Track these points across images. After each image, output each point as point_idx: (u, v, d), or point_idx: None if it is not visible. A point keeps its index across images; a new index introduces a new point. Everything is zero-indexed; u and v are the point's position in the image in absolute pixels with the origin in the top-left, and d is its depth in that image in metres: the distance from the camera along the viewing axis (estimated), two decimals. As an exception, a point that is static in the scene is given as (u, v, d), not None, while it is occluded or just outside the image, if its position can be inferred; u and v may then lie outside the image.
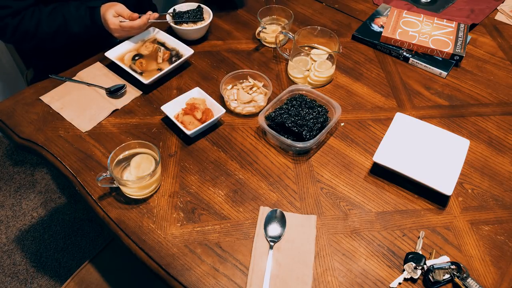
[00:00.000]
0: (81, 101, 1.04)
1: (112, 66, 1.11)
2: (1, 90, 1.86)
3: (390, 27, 1.21)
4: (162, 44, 1.15)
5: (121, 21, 1.08)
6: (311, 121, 0.94)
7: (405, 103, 1.07)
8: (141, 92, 1.07)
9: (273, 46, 1.21)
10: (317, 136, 0.92)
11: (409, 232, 0.83)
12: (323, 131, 0.93)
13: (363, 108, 1.06)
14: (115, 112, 1.02)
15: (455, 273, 0.75)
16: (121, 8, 1.08)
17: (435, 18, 1.25)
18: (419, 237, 0.82)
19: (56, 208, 1.79)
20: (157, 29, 1.17)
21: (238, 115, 1.03)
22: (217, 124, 1.01)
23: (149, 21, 1.11)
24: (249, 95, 1.04)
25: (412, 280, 0.76)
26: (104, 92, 1.06)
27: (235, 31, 1.25)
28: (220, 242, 0.81)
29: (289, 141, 0.91)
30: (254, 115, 1.03)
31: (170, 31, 1.19)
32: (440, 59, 1.16)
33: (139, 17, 1.09)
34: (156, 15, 1.12)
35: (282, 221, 0.82)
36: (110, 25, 1.07)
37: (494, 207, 0.87)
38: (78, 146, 0.95)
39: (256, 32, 1.17)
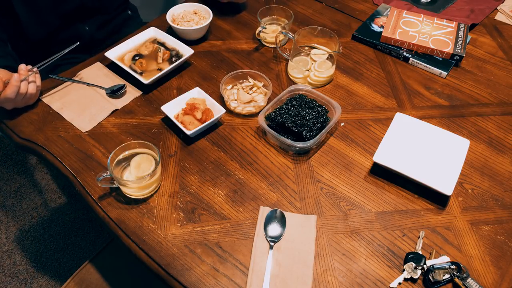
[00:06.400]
0: (81, 101, 1.04)
1: (112, 66, 1.11)
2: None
3: (390, 27, 1.21)
4: (162, 44, 1.15)
5: None
6: (311, 121, 0.94)
7: (405, 103, 1.07)
8: (141, 92, 1.07)
9: (273, 46, 1.21)
10: (317, 136, 0.92)
11: (409, 232, 0.83)
12: (323, 131, 0.93)
13: (363, 108, 1.05)
14: (115, 112, 1.02)
15: (455, 273, 0.75)
16: None
17: (435, 18, 1.25)
18: (419, 237, 0.82)
19: (56, 208, 1.79)
20: (157, 29, 1.17)
21: (238, 115, 1.03)
22: (217, 124, 1.01)
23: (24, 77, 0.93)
24: (249, 95, 1.04)
25: (412, 280, 0.76)
26: (104, 92, 1.06)
27: (235, 31, 1.25)
28: (220, 242, 0.81)
29: (289, 141, 0.91)
30: (254, 115, 1.03)
31: (170, 31, 1.19)
32: (440, 59, 1.16)
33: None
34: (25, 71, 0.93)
35: (282, 221, 0.82)
36: None
37: (494, 207, 0.87)
38: (78, 146, 0.95)
39: (256, 32, 1.17)
